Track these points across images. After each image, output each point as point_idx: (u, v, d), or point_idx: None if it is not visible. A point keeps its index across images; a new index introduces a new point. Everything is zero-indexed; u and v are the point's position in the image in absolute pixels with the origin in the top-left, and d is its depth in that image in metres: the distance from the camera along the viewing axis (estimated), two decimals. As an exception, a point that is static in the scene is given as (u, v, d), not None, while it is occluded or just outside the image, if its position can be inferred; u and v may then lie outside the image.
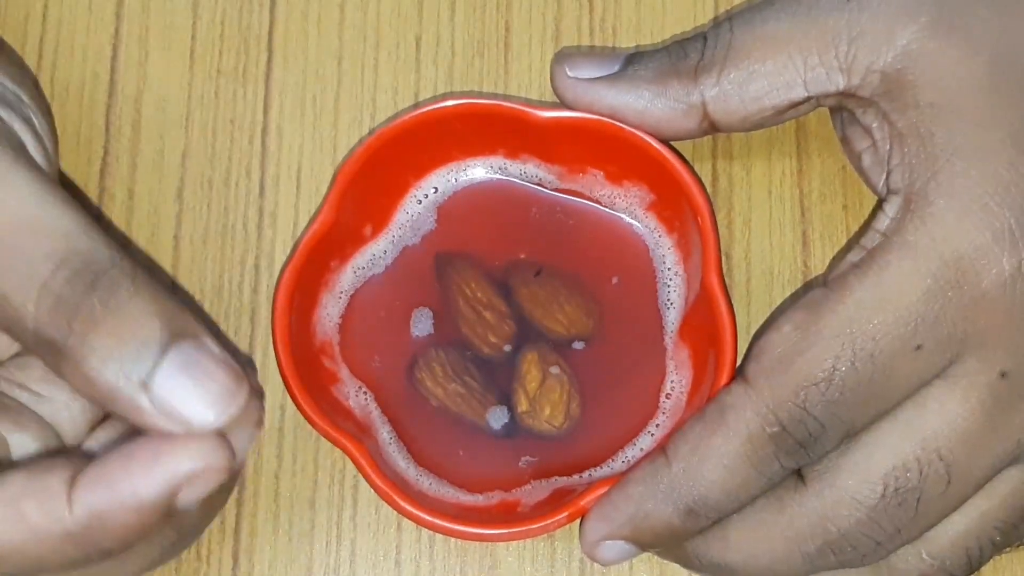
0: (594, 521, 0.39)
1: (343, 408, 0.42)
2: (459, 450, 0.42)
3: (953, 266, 0.37)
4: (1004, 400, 0.37)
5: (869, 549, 0.38)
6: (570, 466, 0.42)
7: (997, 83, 0.38)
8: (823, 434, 0.37)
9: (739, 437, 0.37)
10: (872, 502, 0.37)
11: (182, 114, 0.46)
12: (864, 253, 0.38)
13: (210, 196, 0.45)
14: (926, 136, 0.38)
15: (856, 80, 0.39)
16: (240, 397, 0.34)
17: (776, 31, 0.40)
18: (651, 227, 0.44)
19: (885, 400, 0.37)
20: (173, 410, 0.33)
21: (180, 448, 0.33)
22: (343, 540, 0.43)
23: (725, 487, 0.38)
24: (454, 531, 0.40)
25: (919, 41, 0.38)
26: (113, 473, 0.34)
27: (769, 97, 0.40)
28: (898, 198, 0.38)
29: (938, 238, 0.37)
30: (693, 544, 0.39)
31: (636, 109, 0.41)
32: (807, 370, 0.37)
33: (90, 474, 0.34)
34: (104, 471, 0.34)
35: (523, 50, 0.47)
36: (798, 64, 0.40)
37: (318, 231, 0.41)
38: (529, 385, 0.43)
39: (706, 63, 0.40)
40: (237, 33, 0.47)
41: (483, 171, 0.45)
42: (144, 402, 0.33)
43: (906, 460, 0.37)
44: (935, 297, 0.37)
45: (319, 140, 0.46)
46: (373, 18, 0.47)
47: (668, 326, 0.43)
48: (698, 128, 0.41)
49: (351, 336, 0.43)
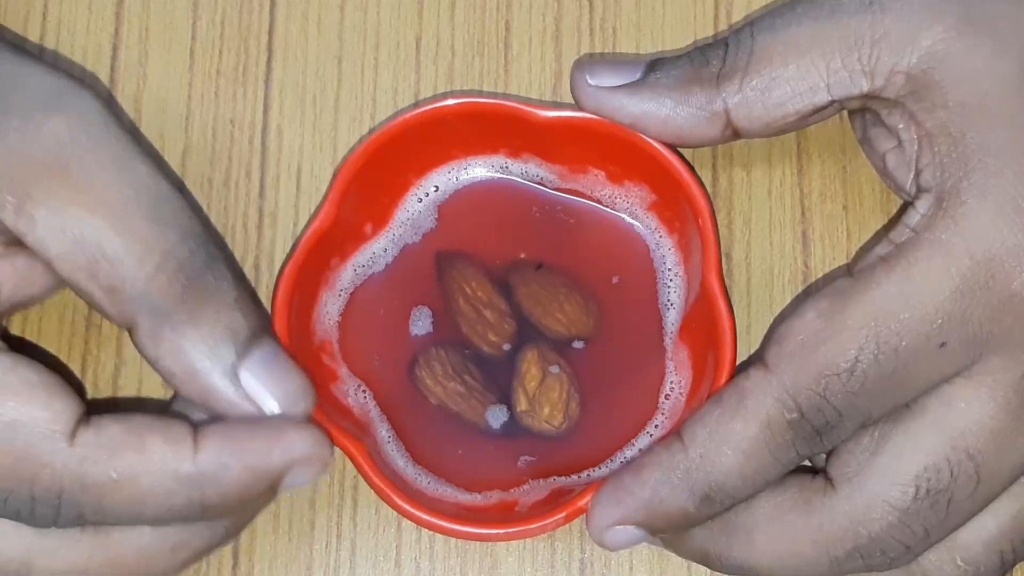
0: (605, 506, 0.39)
1: (342, 407, 0.42)
2: (458, 449, 0.42)
3: (984, 266, 0.37)
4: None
5: (898, 553, 0.38)
6: (569, 466, 0.42)
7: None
8: (840, 423, 0.37)
9: (758, 422, 0.37)
10: (904, 504, 0.37)
11: (182, 114, 0.46)
12: (892, 247, 0.38)
13: (210, 196, 0.45)
14: (957, 136, 0.38)
15: (880, 82, 0.39)
16: (308, 402, 0.38)
17: (798, 36, 0.40)
18: (652, 227, 0.44)
19: (904, 394, 0.37)
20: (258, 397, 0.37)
21: (300, 432, 0.37)
22: (343, 540, 0.43)
23: (742, 473, 0.37)
24: (452, 531, 0.40)
25: (945, 41, 0.38)
26: (240, 436, 0.36)
27: (792, 102, 0.40)
28: (930, 196, 0.38)
29: (969, 238, 0.37)
30: (716, 545, 0.39)
31: (659, 117, 0.41)
32: (829, 359, 0.37)
33: (217, 430, 0.36)
34: (230, 432, 0.36)
35: (523, 50, 0.47)
36: (821, 68, 0.39)
37: (318, 229, 0.41)
38: (529, 384, 0.43)
39: (728, 70, 0.40)
40: (237, 33, 0.47)
41: (484, 170, 0.45)
42: (227, 385, 0.36)
43: (936, 461, 0.37)
44: (963, 296, 0.37)
45: (319, 140, 0.46)
46: (373, 18, 0.47)
47: (668, 326, 0.43)
48: (721, 135, 0.41)
49: (351, 334, 0.43)
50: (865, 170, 0.45)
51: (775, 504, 0.39)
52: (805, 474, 0.39)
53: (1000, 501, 0.38)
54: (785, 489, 0.39)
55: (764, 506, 0.39)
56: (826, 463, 0.39)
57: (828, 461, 0.39)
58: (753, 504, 0.39)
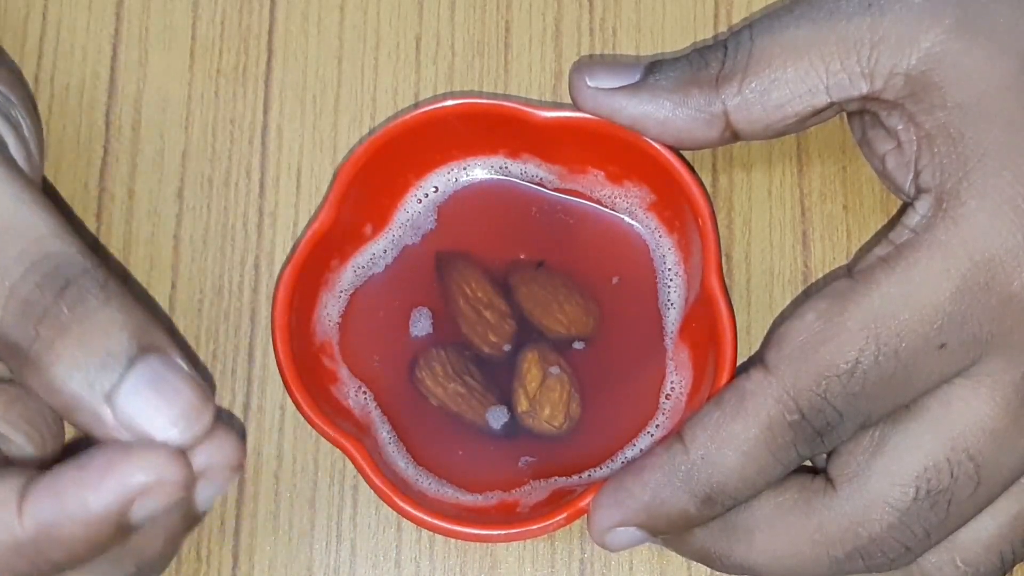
0: (606, 508, 0.39)
1: (343, 408, 0.42)
2: (459, 450, 0.42)
3: (983, 267, 0.37)
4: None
5: (898, 554, 0.38)
6: (569, 466, 0.42)
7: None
8: (840, 424, 0.37)
9: (759, 423, 0.37)
10: (904, 505, 0.37)
11: (182, 114, 0.46)
12: (892, 248, 0.38)
13: (210, 196, 0.45)
14: (956, 137, 0.38)
15: (879, 84, 0.39)
16: (206, 417, 0.33)
17: (797, 38, 0.40)
18: (651, 227, 0.44)
19: (904, 395, 0.37)
20: (135, 424, 0.33)
21: (134, 459, 0.33)
22: (343, 540, 0.43)
23: (743, 474, 0.38)
24: (453, 531, 0.40)
25: (944, 43, 0.38)
26: (65, 484, 0.33)
27: (792, 104, 0.40)
28: (929, 196, 0.38)
29: (969, 239, 0.37)
30: (717, 545, 0.39)
31: (657, 119, 0.41)
32: (830, 360, 0.37)
33: (42, 484, 0.33)
34: (56, 482, 0.33)
35: (523, 50, 0.47)
36: (820, 70, 0.39)
37: (318, 230, 0.41)
38: (529, 385, 0.43)
39: (727, 72, 0.40)
40: (237, 33, 0.47)
41: (484, 171, 0.45)
42: (107, 414, 0.33)
43: (937, 461, 0.37)
44: (963, 297, 0.37)
45: (319, 140, 0.46)
46: (373, 18, 0.47)
47: (668, 326, 0.43)
48: (720, 137, 0.41)
49: (351, 335, 0.43)
50: (865, 170, 0.45)
51: (776, 504, 0.39)
52: (805, 474, 0.39)
53: (1000, 502, 0.38)
54: (785, 489, 0.39)
55: (765, 506, 0.39)
56: (826, 463, 0.39)
57: (828, 461, 0.39)
58: (754, 504, 0.39)
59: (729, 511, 0.39)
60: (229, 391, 0.44)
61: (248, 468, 0.43)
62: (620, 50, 0.46)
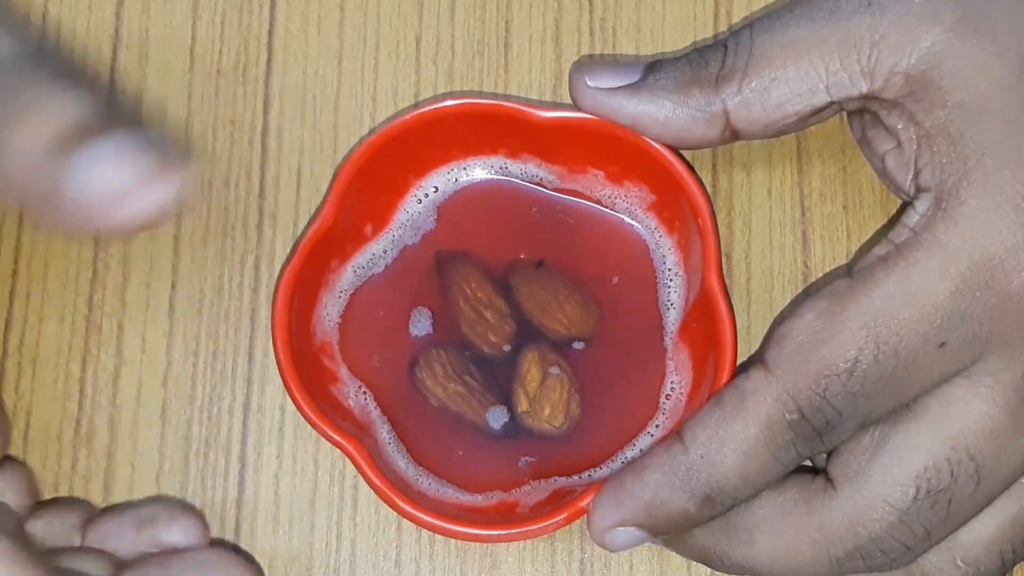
0: (605, 508, 0.39)
1: (342, 408, 0.42)
2: (459, 450, 0.42)
3: (983, 266, 0.37)
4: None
5: (899, 553, 0.38)
6: (570, 466, 0.42)
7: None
8: (840, 423, 0.37)
9: (758, 423, 0.37)
10: (904, 505, 0.37)
11: (182, 114, 0.46)
12: (891, 247, 0.38)
13: (210, 196, 0.45)
14: (956, 136, 0.38)
15: (879, 83, 0.39)
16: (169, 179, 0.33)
17: (796, 37, 0.40)
18: (651, 227, 0.44)
19: (904, 394, 0.37)
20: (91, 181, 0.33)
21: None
22: (343, 540, 0.43)
23: (743, 473, 0.38)
24: (453, 532, 0.40)
25: (944, 42, 0.38)
26: None
27: (792, 104, 0.40)
28: (929, 195, 0.38)
29: (969, 238, 0.37)
30: (717, 544, 0.39)
31: (657, 119, 0.41)
32: (829, 359, 0.37)
33: None
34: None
35: (523, 50, 0.47)
36: (820, 70, 0.39)
37: (318, 230, 0.41)
38: (529, 385, 0.43)
39: (727, 71, 0.40)
40: (237, 33, 0.47)
41: (484, 171, 0.45)
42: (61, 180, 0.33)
43: (937, 461, 0.37)
44: (963, 296, 0.37)
45: (319, 140, 0.46)
46: (373, 18, 0.47)
47: (668, 326, 0.43)
48: (720, 137, 0.41)
49: (351, 336, 0.43)
50: (865, 170, 0.45)
51: (776, 504, 0.39)
52: (805, 474, 0.39)
53: (1000, 501, 0.38)
54: (786, 489, 0.39)
55: (765, 506, 0.39)
56: (826, 463, 0.39)
57: (828, 461, 0.39)
58: (754, 504, 0.39)
59: (729, 511, 0.39)
60: (229, 391, 0.44)
61: (248, 468, 0.43)
62: (620, 50, 0.46)
